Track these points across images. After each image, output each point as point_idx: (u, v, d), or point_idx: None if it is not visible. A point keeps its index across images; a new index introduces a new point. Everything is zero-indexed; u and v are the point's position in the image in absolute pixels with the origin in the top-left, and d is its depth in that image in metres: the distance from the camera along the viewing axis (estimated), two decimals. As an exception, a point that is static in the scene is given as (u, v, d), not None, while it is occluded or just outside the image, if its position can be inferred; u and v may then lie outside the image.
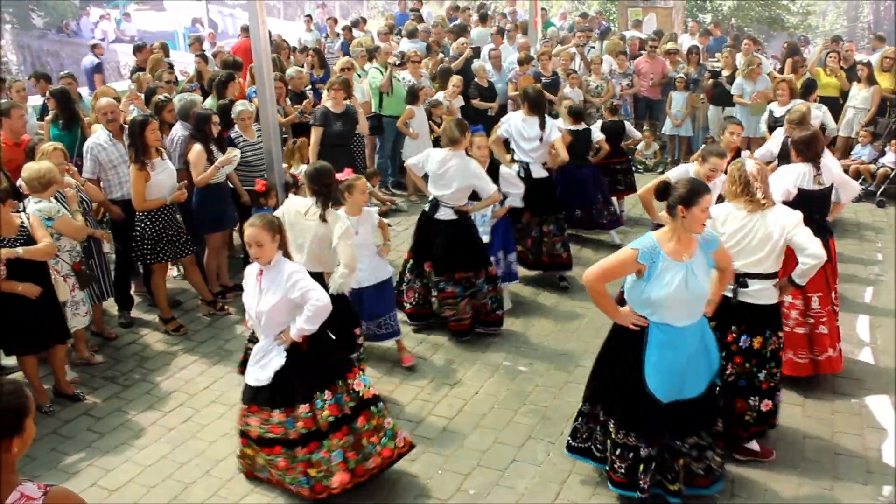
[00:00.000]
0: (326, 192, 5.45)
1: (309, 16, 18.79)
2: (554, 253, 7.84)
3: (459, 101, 11.07)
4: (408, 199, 10.59)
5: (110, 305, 7.42)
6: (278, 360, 4.68)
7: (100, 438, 5.63)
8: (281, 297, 4.56)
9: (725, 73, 11.68)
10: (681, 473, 4.53)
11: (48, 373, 6.17)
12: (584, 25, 15.50)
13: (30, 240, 5.60)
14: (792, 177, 5.93)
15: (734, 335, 5.00)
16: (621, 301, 4.75)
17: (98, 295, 6.74)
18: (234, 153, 7.29)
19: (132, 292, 7.56)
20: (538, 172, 7.66)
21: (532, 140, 7.52)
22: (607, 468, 4.72)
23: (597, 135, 9.08)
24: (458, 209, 6.62)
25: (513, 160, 7.77)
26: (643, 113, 12.68)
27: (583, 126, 8.86)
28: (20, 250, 5.46)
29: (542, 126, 7.51)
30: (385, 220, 6.46)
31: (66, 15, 29.67)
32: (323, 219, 5.38)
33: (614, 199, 9.54)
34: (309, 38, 15.75)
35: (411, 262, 6.96)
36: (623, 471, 4.58)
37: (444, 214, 6.64)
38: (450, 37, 13.76)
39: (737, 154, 6.65)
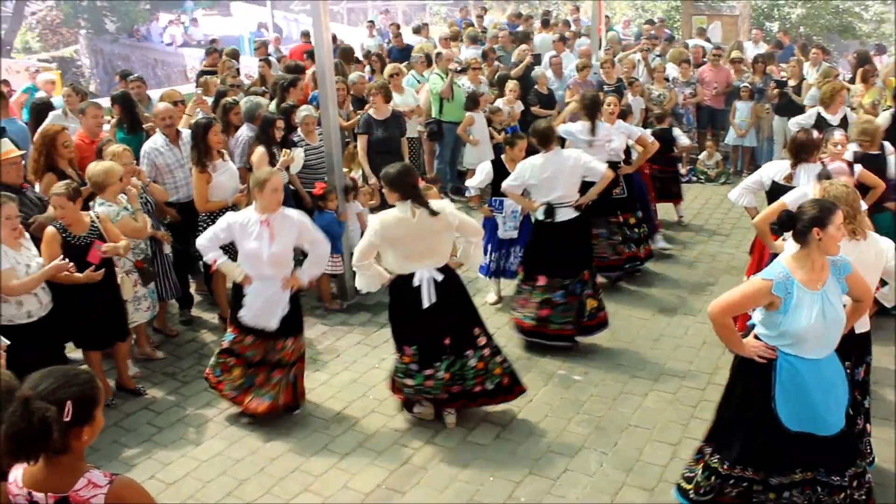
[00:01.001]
0: (415, 191, 5.34)
1: (372, 21, 18.99)
2: (602, 255, 7.80)
3: (519, 106, 11.05)
4: (466, 206, 10.59)
5: (172, 303, 7.58)
6: (284, 308, 5.59)
7: (159, 432, 5.75)
8: (291, 241, 5.53)
9: (792, 82, 11.44)
10: None
11: (111, 367, 6.33)
12: (651, 32, 15.33)
13: (101, 237, 5.75)
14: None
15: (850, 368, 4.62)
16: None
17: (160, 294, 6.87)
18: (296, 152, 7.38)
19: (192, 291, 7.71)
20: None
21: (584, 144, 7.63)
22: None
23: (679, 136, 9.15)
24: (577, 204, 6.69)
25: None
26: (706, 122, 12.48)
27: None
28: (122, 244, 5.80)
29: (593, 131, 7.70)
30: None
31: (137, 20, 30.51)
32: (433, 213, 5.27)
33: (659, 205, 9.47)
34: (371, 43, 15.91)
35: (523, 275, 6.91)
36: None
37: (565, 215, 6.66)
38: (513, 43, 13.75)
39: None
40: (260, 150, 7.21)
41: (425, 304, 5.34)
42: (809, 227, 3.93)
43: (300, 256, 6.09)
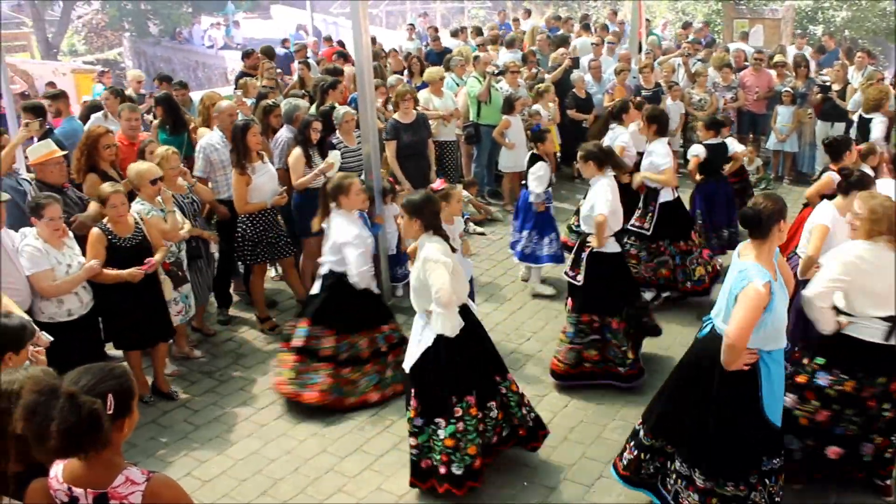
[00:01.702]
0: (437, 223, 4.92)
1: (412, 24, 19.05)
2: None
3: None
4: (503, 209, 10.58)
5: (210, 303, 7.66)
6: None
7: (195, 430, 5.82)
8: None
9: (836, 87, 11.25)
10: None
11: (148, 364, 6.39)
12: (693, 38, 15.16)
13: (145, 239, 5.87)
14: None
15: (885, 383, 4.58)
16: None
17: (200, 295, 6.92)
18: (334, 158, 7.41)
19: (231, 291, 7.78)
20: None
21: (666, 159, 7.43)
22: None
23: (735, 146, 8.72)
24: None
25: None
26: (746, 127, 12.32)
27: (719, 139, 8.27)
28: (162, 254, 5.97)
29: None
30: (480, 230, 6.48)
31: (179, 23, 30.93)
32: (453, 249, 4.94)
33: None
34: (411, 46, 15.95)
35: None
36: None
37: (614, 247, 6.23)
38: (550, 47, 13.70)
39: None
40: (296, 153, 7.26)
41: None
42: (776, 221, 4.08)
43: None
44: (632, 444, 4.80)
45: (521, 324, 7.39)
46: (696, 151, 8.13)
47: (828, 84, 11.52)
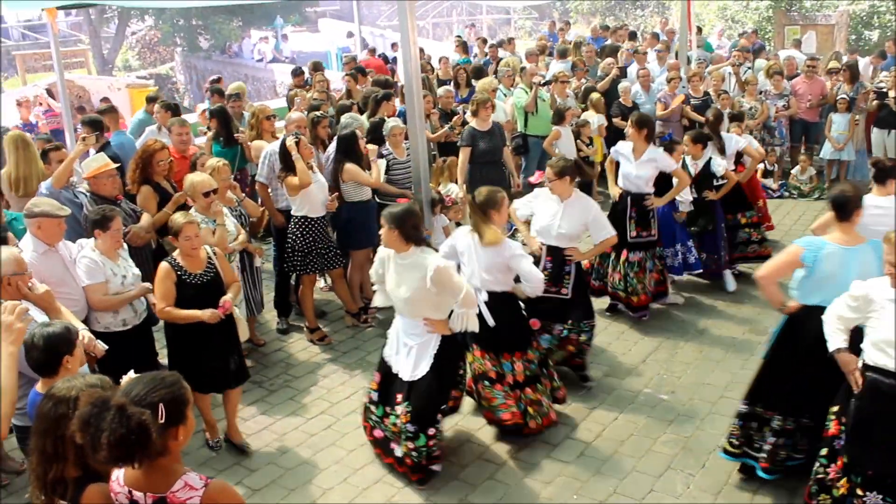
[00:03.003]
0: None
1: (459, 36, 19.10)
2: (648, 290, 7.48)
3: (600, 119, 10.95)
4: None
5: (265, 311, 7.73)
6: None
7: (245, 439, 5.85)
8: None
9: (893, 94, 10.99)
10: None
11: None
12: (745, 45, 14.94)
13: (217, 276, 5.51)
14: None
15: None
16: None
17: (248, 308, 6.97)
18: (378, 164, 7.46)
19: (292, 301, 7.83)
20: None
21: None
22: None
23: (719, 164, 7.95)
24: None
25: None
26: (799, 136, 12.07)
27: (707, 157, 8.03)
28: (234, 291, 5.57)
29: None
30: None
31: (229, 38, 31.44)
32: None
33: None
34: (458, 58, 15.98)
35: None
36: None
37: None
38: (598, 56, 13.63)
39: None
40: (350, 167, 7.29)
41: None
42: (857, 207, 4.64)
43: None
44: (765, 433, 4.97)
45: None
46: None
47: (884, 90, 11.25)
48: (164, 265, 5.34)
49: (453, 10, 40.66)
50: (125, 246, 5.76)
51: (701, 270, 8.03)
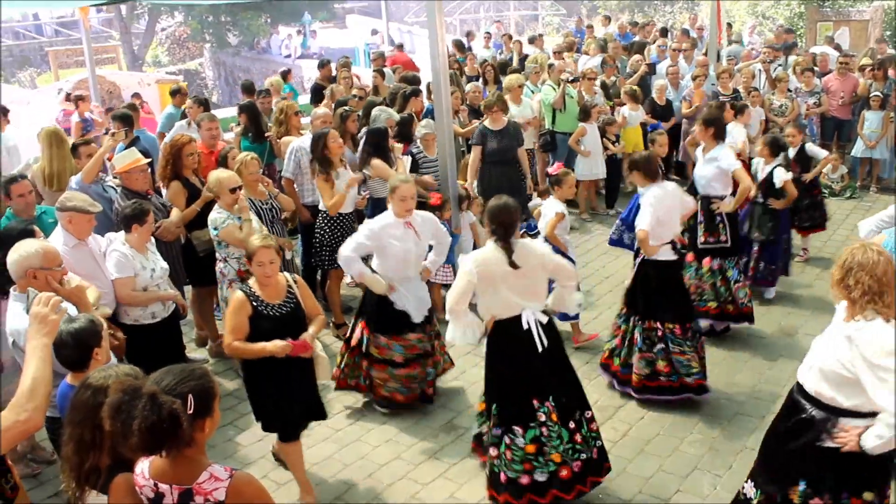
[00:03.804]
0: (508, 233, 4.66)
1: (488, 33, 19.10)
2: (739, 302, 7.00)
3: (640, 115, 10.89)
4: (578, 217, 10.48)
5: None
6: (425, 292, 6.04)
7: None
8: (429, 238, 5.88)
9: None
10: None
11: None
12: (775, 43, 14.78)
13: (298, 307, 4.82)
14: None
15: None
16: None
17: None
18: (403, 160, 7.47)
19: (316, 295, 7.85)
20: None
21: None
22: None
23: (781, 176, 7.51)
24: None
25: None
26: (830, 134, 11.91)
27: (774, 164, 7.61)
28: (316, 326, 4.89)
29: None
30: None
31: (258, 34, 31.65)
32: (513, 265, 4.60)
33: (799, 236, 8.77)
34: (486, 54, 15.98)
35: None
36: None
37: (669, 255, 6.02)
38: (626, 53, 13.56)
39: None
40: (378, 163, 7.30)
41: (540, 348, 4.70)
42: None
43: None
44: None
45: (600, 333, 7.27)
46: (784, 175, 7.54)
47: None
48: (238, 295, 4.69)
49: (480, 7, 40.63)
50: (153, 240, 5.82)
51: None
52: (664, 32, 15.79)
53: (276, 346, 4.54)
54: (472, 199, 7.46)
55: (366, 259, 5.91)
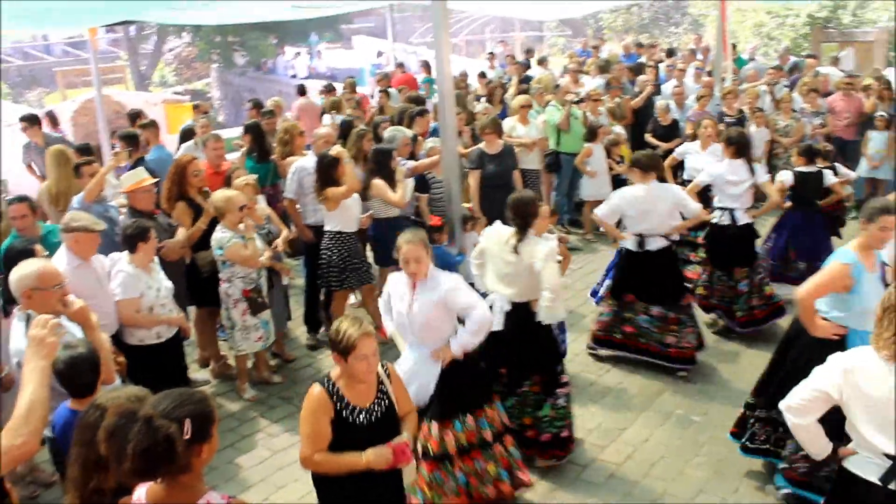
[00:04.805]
0: (524, 223, 5.28)
1: (492, 53, 19.17)
2: (769, 301, 7.44)
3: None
4: (583, 238, 10.47)
5: (295, 326, 7.75)
6: (428, 376, 4.71)
7: (273, 456, 5.86)
8: (438, 305, 4.58)
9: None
10: None
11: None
12: (778, 64, 14.81)
13: (391, 407, 3.81)
14: None
15: None
16: None
17: (276, 323, 6.97)
18: (406, 183, 7.46)
19: (321, 317, 7.83)
20: (744, 219, 7.35)
21: (740, 184, 7.27)
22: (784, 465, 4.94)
23: (831, 178, 8.00)
24: (668, 234, 6.73)
25: (712, 208, 7.51)
26: (836, 154, 11.86)
27: (815, 167, 7.96)
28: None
29: (751, 170, 7.29)
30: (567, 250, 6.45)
31: (265, 54, 31.79)
32: (515, 250, 5.25)
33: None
34: (492, 75, 16.03)
35: (610, 299, 7.01)
36: (804, 470, 4.78)
37: (655, 244, 6.70)
38: (630, 74, 13.57)
39: None
40: (378, 183, 7.28)
41: (494, 328, 5.10)
42: (868, 220, 4.55)
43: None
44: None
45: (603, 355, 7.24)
46: (784, 177, 7.90)
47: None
48: (316, 392, 3.69)
49: (486, 27, 40.82)
50: (157, 259, 5.82)
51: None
52: (670, 53, 15.81)
53: (376, 455, 3.54)
54: (477, 220, 7.41)
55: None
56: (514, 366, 5.40)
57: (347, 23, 36.73)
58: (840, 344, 4.48)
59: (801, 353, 4.80)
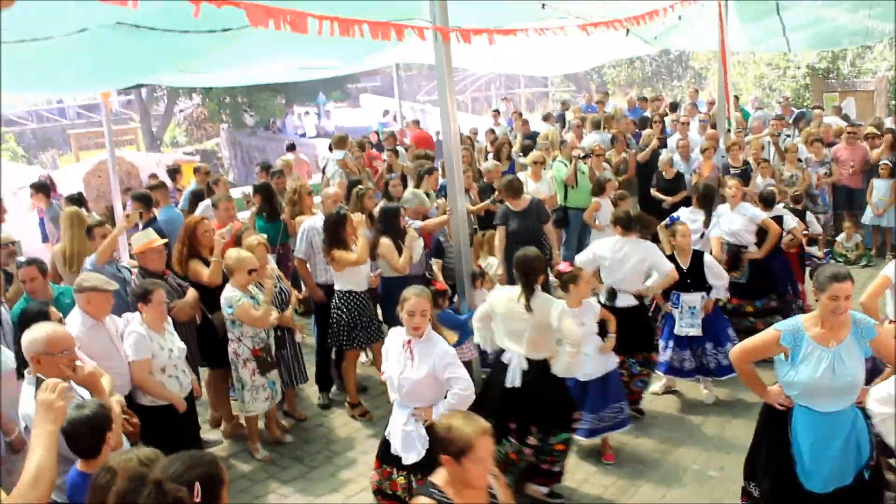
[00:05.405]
0: (530, 280, 5.34)
1: (496, 110, 19.39)
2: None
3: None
4: (593, 292, 10.44)
5: (306, 385, 7.72)
6: (420, 441, 4.72)
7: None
8: (429, 373, 4.61)
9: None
10: None
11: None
12: (780, 114, 14.96)
13: None
14: None
15: None
16: None
17: (288, 381, 7.00)
18: (415, 243, 7.49)
19: (333, 375, 7.81)
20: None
21: (693, 234, 7.53)
22: None
23: (790, 223, 8.44)
24: (638, 293, 6.78)
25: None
26: (843, 203, 11.92)
27: (773, 213, 8.30)
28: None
29: (706, 223, 7.85)
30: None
31: (274, 113, 32.28)
32: (528, 308, 5.28)
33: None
34: (497, 131, 16.21)
35: None
36: None
37: (624, 301, 6.74)
38: (635, 128, 13.71)
39: None
40: (386, 242, 7.33)
41: (508, 384, 5.36)
42: (820, 289, 4.20)
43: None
44: None
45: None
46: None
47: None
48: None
49: (491, 84, 41.39)
50: (170, 319, 5.84)
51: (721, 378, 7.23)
52: (674, 107, 15.98)
53: None
54: (485, 276, 7.41)
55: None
56: (527, 420, 5.39)
57: (354, 82, 37.35)
58: (785, 416, 4.43)
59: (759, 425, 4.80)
